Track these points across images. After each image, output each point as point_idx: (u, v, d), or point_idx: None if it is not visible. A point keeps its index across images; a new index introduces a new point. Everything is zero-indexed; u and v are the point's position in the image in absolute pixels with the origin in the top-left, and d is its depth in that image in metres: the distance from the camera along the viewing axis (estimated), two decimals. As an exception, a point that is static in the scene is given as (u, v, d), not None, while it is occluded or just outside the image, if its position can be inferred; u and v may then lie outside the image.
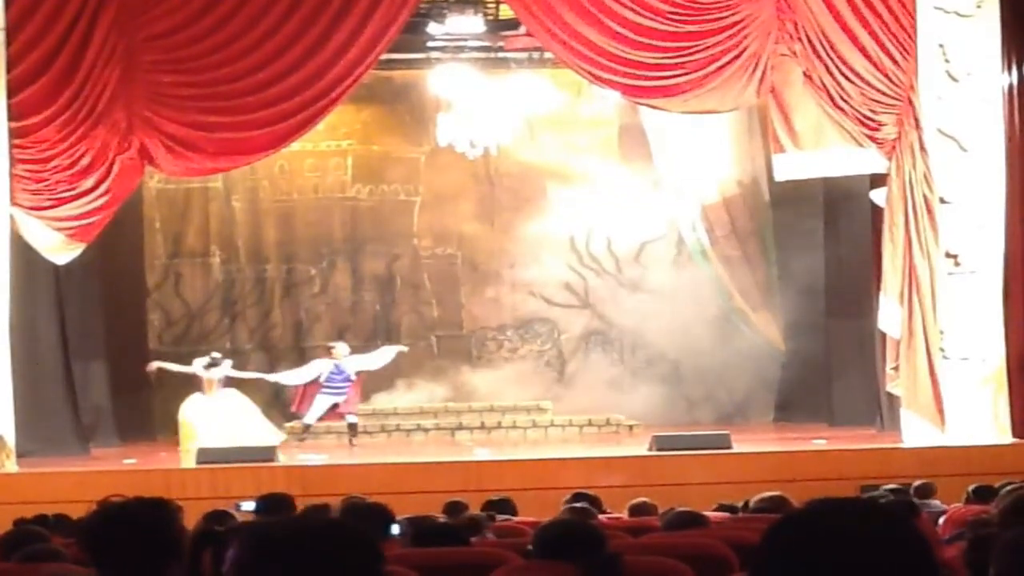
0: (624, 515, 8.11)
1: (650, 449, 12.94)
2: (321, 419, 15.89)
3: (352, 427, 15.90)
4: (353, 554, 1.98)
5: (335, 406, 15.77)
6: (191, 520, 5.58)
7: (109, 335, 16.70)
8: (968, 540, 3.92)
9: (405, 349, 16.75)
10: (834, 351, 16.96)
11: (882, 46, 13.29)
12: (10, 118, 12.96)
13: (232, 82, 13.76)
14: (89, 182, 13.37)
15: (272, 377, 16.34)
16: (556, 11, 13.61)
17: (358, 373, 15.91)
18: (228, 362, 15.95)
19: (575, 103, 18.69)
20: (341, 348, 16.08)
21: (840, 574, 1.71)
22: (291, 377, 16.18)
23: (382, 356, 16.27)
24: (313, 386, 15.86)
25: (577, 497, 8.15)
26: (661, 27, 13.71)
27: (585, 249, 19.23)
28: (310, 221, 19.13)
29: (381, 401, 17.91)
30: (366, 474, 12.13)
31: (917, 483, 8.99)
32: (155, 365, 16.12)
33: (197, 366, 15.64)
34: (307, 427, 15.90)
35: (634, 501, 8.25)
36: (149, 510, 3.11)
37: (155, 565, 3.02)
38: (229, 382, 15.82)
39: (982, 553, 3.73)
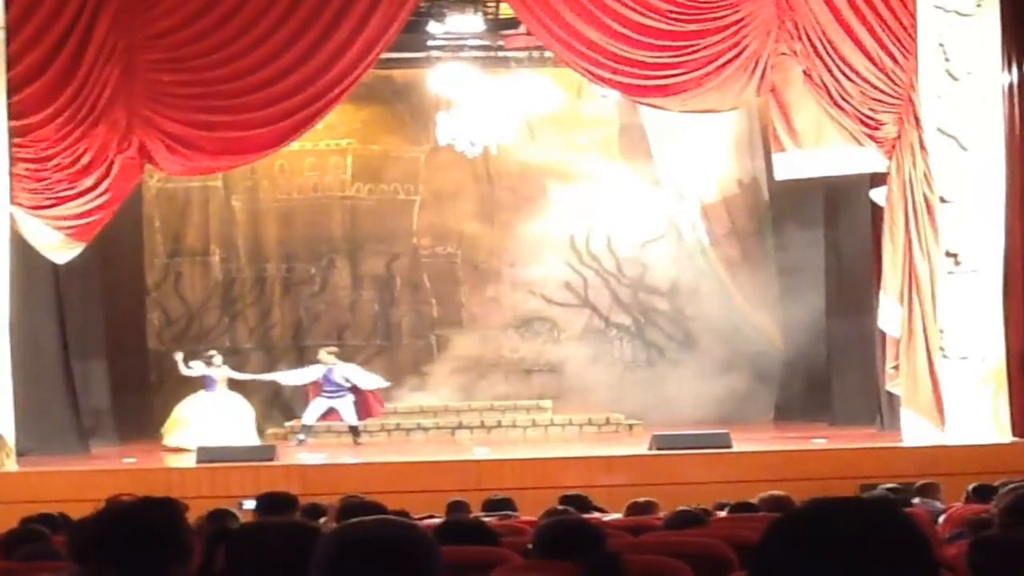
0: (621, 515, 8.09)
1: (650, 448, 12.94)
2: (321, 419, 15.91)
3: (353, 429, 15.91)
4: (424, 557, 2.10)
5: (331, 411, 15.81)
6: (191, 519, 5.58)
7: (109, 334, 16.70)
8: (971, 542, 3.92)
9: (388, 384, 16.62)
10: (834, 350, 16.95)
11: (882, 45, 13.28)
12: (10, 117, 12.96)
13: (232, 81, 13.76)
14: (89, 181, 13.37)
15: (270, 376, 16.34)
16: (556, 10, 13.61)
17: (348, 381, 15.86)
18: (219, 357, 16.08)
19: (575, 102, 18.69)
20: (323, 355, 16.10)
21: (840, 573, 1.71)
22: (289, 377, 16.20)
23: (373, 380, 16.15)
24: (317, 387, 15.95)
25: (567, 499, 8.14)
26: (661, 26, 13.71)
27: (585, 248, 19.23)
28: (310, 220, 19.13)
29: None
30: (366, 473, 12.13)
31: (920, 482, 8.98)
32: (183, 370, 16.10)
33: (199, 368, 15.72)
34: (306, 427, 15.89)
35: (632, 500, 8.24)
36: (157, 510, 3.11)
37: (160, 565, 3.02)
38: (231, 384, 15.91)
39: (985, 554, 3.73)
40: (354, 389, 15.79)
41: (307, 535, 2.89)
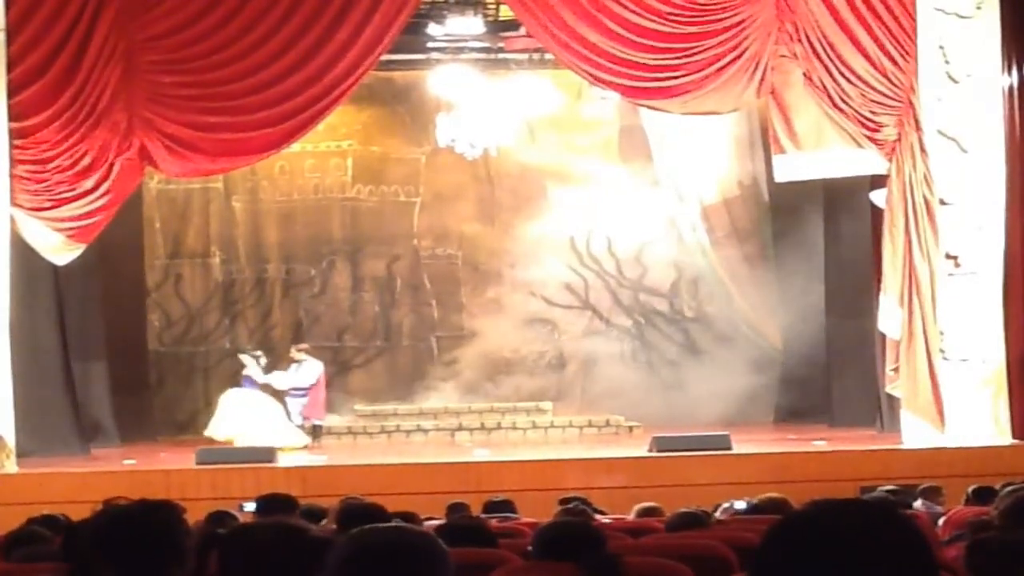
0: (627, 517, 8.08)
1: (650, 450, 12.94)
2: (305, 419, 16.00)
3: (316, 429, 15.97)
4: (435, 565, 2.14)
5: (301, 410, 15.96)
6: (191, 521, 5.58)
7: (109, 335, 16.69)
8: (969, 543, 3.92)
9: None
10: (834, 352, 16.95)
11: (882, 47, 13.29)
12: (10, 119, 12.96)
13: (232, 83, 13.76)
14: (89, 183, 13.36)
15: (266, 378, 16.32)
16: (556, 12, 13.61)
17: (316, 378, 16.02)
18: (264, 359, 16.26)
19: (575, 104, 18.70)
20: (294, 352, 16.27)
21: (840, 575, 1.71)
22: (282, 379, 16.21)
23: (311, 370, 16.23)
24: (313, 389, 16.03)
25: (568, 501, 8.13)
26: (661, 28, 13.71)
27: (585, 250, 19.23)
28: (310, 222, 19.13)
29: (381, 402, 17.94)
30: (366, 475, 12.12)
31: (924, 485, 8.98)
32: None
33: (253, 367, 15.90)
34: (300, 428, 15.91)
35: (640, 505, 8.22)
36: (155, 513, 3.11)
37: (158, 568, 3.02)
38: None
39: (983, 555, 3.73)
40: (310, 388, 15.94)
41: (298, 536, 2.90)
